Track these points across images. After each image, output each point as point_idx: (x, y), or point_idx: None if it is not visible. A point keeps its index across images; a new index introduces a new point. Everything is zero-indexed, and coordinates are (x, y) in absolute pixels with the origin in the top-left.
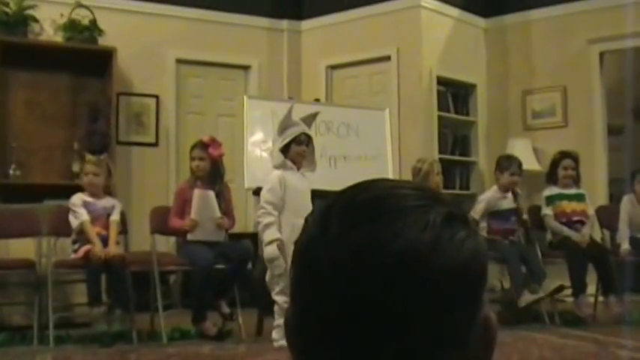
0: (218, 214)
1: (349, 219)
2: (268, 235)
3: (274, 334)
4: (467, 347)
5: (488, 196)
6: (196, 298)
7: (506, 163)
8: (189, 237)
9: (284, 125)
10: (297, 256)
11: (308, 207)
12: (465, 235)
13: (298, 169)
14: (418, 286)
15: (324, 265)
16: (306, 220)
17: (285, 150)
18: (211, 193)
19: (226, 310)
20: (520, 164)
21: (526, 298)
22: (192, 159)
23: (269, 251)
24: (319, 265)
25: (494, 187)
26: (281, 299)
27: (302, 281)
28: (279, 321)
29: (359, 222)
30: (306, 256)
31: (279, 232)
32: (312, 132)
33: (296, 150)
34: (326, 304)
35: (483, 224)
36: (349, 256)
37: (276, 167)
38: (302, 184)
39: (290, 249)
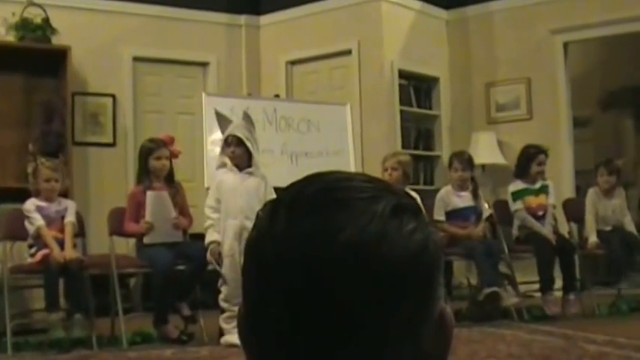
0: (173, 214)
1: (296, 211)
2: (207, 238)
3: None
4: (420, 342)
5: (441, 193)
6: (157, 300)
7: (455, 159)
8: (145, 240)
9: (224, 126)
10: (245, 253)
11: (243, 207)
12: (414, 226)
13: (241, 169)
14: (367, 278)
15: (271, 259)
16: (257, 215)
17: (224, 151)
18: (165, 194)
19: (187, 312)
20: (470, 160)
21: (484, 291)
22: (158, 158)
23: (208, 253)
24: (266, 259)
25: (449, 185)
26: (220, 296)
27: (250, 277)
28: (222, 316)
29: (306, 214)
30: (253, 252)
31: (217, 234)
32: (271, 128)
33: (225, 152)
34: (273, 300)
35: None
36: (296, 249)
37: (224, 168)
38: (241, 184)
39: (226, 249)
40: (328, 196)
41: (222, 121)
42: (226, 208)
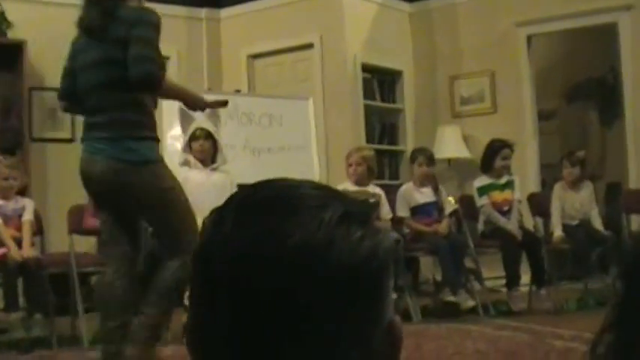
0: None
1: (243, 216)
2: None
3: None
4: (370, 351)
5: (402, 190)
6: None
7: (420, 154)
8: None
9: (187, 124)
10: (192, 258)
11: (207, 204)
12: (361, 234)
13: (206, 165)
14: (315, 282)
15: (217, 264)
16: (203, 221)
17: (188, 147)
18: None
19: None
20: (431, 155)
21: (445, 295)
22: None
23: None
24: (212, 264)
25: (410, 182)
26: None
27: (196, 283)
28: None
29: (254, 219)
30: (200, 257)
31: None
32: (233, 123)
33: (193, 146)
34: (218, 305)
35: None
36: (242, 254)
37: (187, 165)
38: (208, 180)
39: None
40: (277, 202)
41: (186, 118)
42: (194, 206)
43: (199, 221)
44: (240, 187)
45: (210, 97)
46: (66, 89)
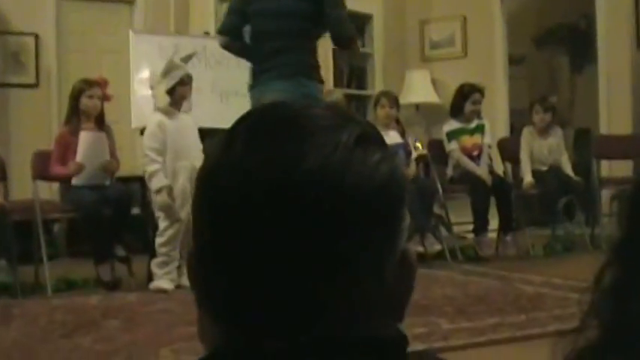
0: (108, 157)
1: (254, 139)
2: (155, 183)
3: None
4: (384, 282)
5: None
6: (91, 240)
7: (383, 96)
8: (73, 182)
9: (168, 68)
10: (198, 184)
11: (191, 148)
12: (380, 157)
13: (178, 110)
14: (330, 210)
15: (226, 188)
16: (210, 145)
17: (170, 92)
18: (102, 136)
19: (122, 252)
20: (395, 98)
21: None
22: (90, 97)
23: (160, 200)
24: (220, 189)
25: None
26: (157, 240)
27: (202, 209)
28: (155, 260)
29: (265, 142)
30: (206, 182)
31: (165, 178)
32: (200, 66)
33: (181, 91)
34: (227, 232)
35: None
36: (253, 178)
37: (161, 110)
38: (183, 125)
39: (177, 192)
40: (289, 124)
41: (170, 64)
42: (175, 150)
43: (183, 165)
44: (257, 107)
45: (178, 40)
46: (231, 26)
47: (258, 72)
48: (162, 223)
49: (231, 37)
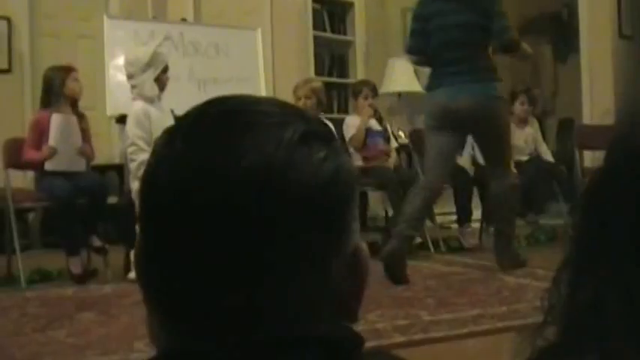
0: (80, 141)
1: (196, 133)
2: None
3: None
4: (330, 282)
5: (347, 122)
6: (63, 230)
7: (365, 87)
8: (46, 167)
9: (154, 56)
10: (141, 181)
11: None
12: (324, 154)
13: (159, 99)
14: (270, 207)
15: (167, 184)
16: (155, 141)
17: (155, 80)
18: (73, 118)
19: (98, 243)
20: (374, 87)
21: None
22: (76, 80)
23: None
24: (160, 186)
25: (353, 115)
26: None
27: (144, 206)
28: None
29: (206, 137)
30: (148, 178)
31: None
32: (177, 54)
33: (163, 79)
34: (166, 231)
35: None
36: (193, 173)
37: (145, 99)
38: (162, 113)
39: None
40: (231, 119)
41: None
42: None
43: None
44: (203, 102)
45: (154, 27)
46: (417, 47)
47: (442, 77)
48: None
49: (420, 55)
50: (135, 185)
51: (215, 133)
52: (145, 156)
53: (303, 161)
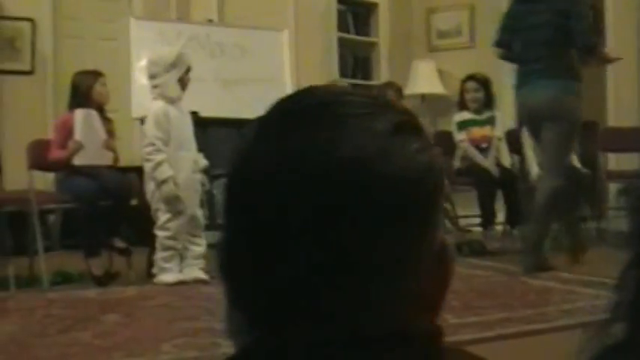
0: (104, 135)
1: (287, 127)
2: (162, 172)
3: (154, 270)
4: (416, 277)
5: None
6: (86, 230)
7: (389, 89)
8: (75, 162)
9: (179, 57)
10: (230, 173)
11: (190, 138)
12: (418, 146)
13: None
14: (365, 201)
15: (258, 176)
16: (242, 133)
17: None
18: (94, 112)
19: (121, 244)
20: (399, 88)
21: None
22: (104, 85)
23: (166, 190)
24: (253, 177)
25: None
26: (161, 234)
27: (234, 200)
28: (160, 254)
29: (299, 128)
30: (239, 170)
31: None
32: (203, 54)
33: (185, 80)
34: (258, 222)
35: None
36: (286, 165)
37: (167, 99)
38: (182, 114)
39: (181, 183)
40: (324, 110)
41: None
42: (179, 140)
43: (185, 156)
44: (292, 93)
45: (180, 27)
46: (504, 41)
47: (526, 74)
48: (163, 216)
49: (505, 49)
50: (150, 186)
51: (307, 125)
52: (162, 157)
53: (398, 152)
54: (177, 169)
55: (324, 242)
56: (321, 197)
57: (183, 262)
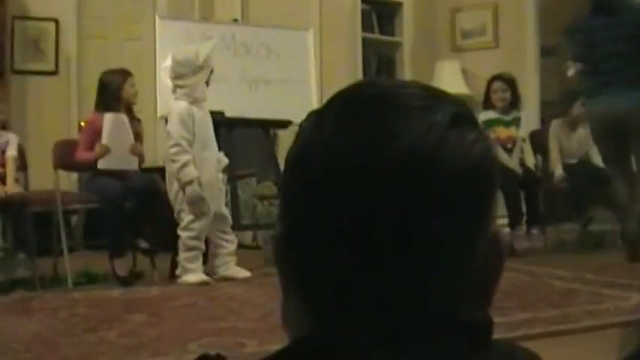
0: (132, 139)
1: (346, 118)
2: (187, 174)
3: (177, 271)
4: (472, 267)
5: None
6: (110, 232)
7: None
8: (100, 165)
9: (207, 58)
10: (287, 165)
11: (212, 137)
12: (474, 137)
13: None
14: (424, 188)
15: (316, 169)
16: (300, 125)
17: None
18: (123, 117)
19: (146, 245)
20: None
21: None
22: (132, 85)
23: (191, 191)
24: (311, 169)
25: None
26: (185, 234)
27: (292, 191)
28: (184, 255)
29: (357, 121)
30: (296, 162)
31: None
32: (228, 54)
33: (209, 81)
34: (317, 214)
35: None
36: (344, 157)
37: (192, 100)
38: (205, 114)
39: (204, 183)
40: (382, 102)
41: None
42: (202, 140)
43: (208, 156)
44: (348, 86)
45: (205, 27)
46: (581, 57)
47: (601, 86)
48: (186, 217)
49: (583, 63)
50: (173, 187)
51: (366, 117)
52: (188, 157)
53: (455, 143)
54: (202, 169)
55: (384, 231)
56: (379, 189)
57: (217, 259)
